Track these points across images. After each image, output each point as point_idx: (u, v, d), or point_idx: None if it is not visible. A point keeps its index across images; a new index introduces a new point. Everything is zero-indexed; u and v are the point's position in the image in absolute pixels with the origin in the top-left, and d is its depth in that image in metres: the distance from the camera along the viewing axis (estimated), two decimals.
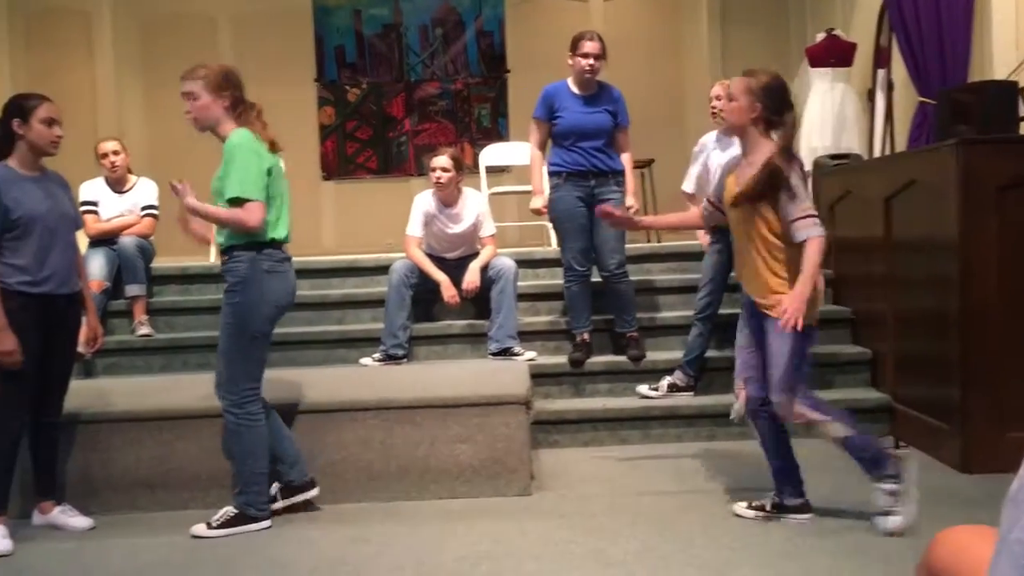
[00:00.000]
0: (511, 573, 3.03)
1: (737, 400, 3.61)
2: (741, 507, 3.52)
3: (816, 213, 3.25)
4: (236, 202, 3.41)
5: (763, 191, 3.23)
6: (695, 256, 5.50)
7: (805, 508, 3.44)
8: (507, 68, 9.23)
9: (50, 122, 3.54)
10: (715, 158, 4.90)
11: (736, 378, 3.60)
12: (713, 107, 4.88)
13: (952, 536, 1.40)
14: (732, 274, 4.83)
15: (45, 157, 3.61)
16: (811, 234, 3.19)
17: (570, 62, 4.88)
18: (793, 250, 3.25)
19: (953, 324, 4.02)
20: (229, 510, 3.57)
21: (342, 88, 9.28)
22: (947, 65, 5.32)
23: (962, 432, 3.98)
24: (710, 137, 5.10)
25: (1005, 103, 4.48)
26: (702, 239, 5.11)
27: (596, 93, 4.91)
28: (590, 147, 4.85)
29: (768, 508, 3.46)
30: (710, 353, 4.91)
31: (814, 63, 6.72)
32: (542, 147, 5.06)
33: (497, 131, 9.17)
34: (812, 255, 3.20)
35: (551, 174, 4.97)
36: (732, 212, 3.41)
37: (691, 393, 4.84)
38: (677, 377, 4.86)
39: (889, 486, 3.24)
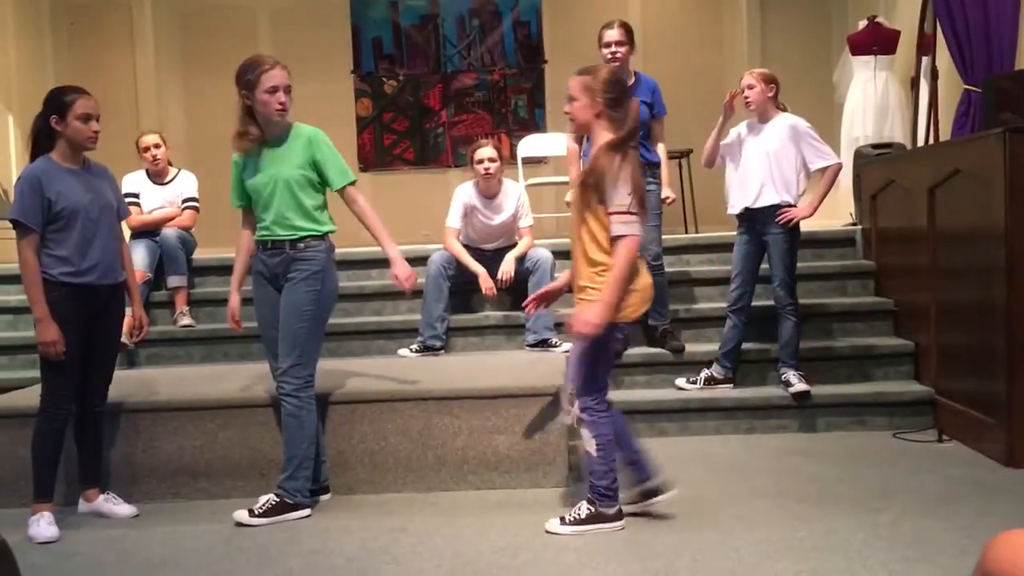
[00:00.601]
0: (550, 564, 3.03)
1: (571, 406, 3.44)
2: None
3: (633, 211, 3.11)
4: (351, 184, 3.64)
5: (585, 186, 3.19)
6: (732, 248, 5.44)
7: (664, 486, 3.42)
8: (544, 58, 9.20)
9: (87, 118, 3.56)
10: (747, 143, 4.84)
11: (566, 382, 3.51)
12: (747, 97, 4.83)
13: (1009, 539, 1.37)
14: (764, 265, 4.81)
15: (85, 152, 3.65)
16: (621, 232, 3.10)
17: (599, 55, 4.87)
18: (605, 255, 3.16)
19: (999, 315, 3.95)
20: (271, 498, 3.61)
21: (379, 80, 9.30)
22: (993, 52, 5.21)
23: (1007, 426, 3.92)
24: (741, 126, 5.04)
25: None
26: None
27: (632, 84, 4.88)
28: None
29: (639, 500, 3.42)
30: (746, 345, 4.87)
31: (856, 51, 6.61)
32: (579, 140, 5.03)
33: (534, 122, 9.15)
34: (619, 258, 3.11)
35: None
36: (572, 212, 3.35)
37: (730, 386, 4.82)
38: (715, 370, 4.84)
39: (583, 513, 3.29)
